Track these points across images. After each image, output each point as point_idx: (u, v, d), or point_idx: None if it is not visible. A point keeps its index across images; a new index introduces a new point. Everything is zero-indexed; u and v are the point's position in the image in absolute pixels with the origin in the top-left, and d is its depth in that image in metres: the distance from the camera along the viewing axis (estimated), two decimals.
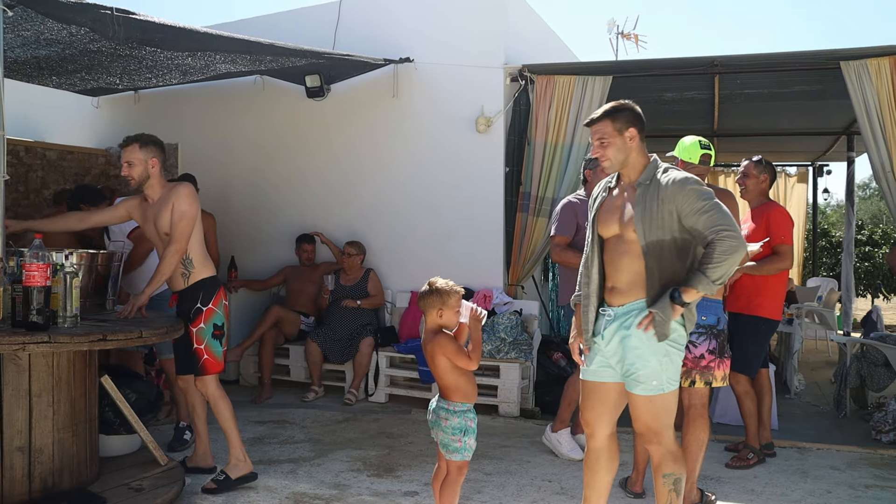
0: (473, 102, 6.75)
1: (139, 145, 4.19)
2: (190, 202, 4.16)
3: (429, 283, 3.53)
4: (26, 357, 3.58)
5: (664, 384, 3.13)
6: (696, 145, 4.33)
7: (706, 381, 3.97)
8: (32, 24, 5.10)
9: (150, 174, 4.22)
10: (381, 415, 6.15)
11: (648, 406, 3.15)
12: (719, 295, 4.06)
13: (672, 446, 3.22)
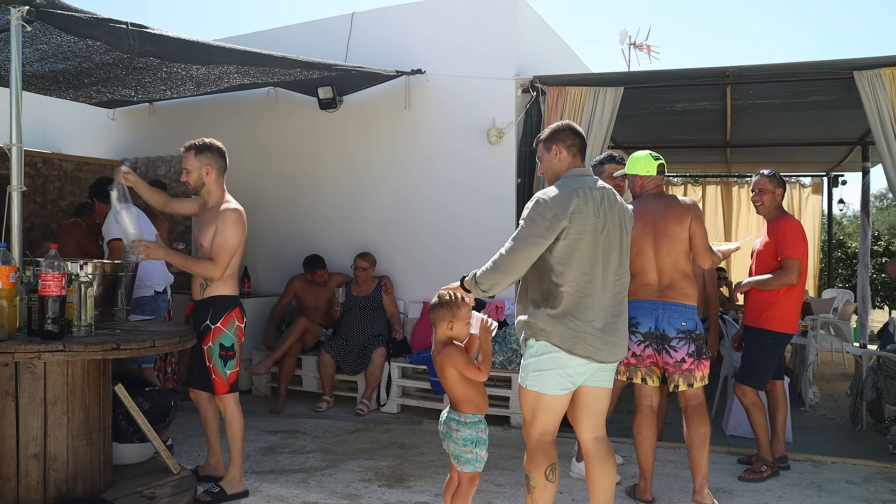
0: (485, 114, 6.77)
1: (195, 152, 4.27)
2: (235, 230, 4.19)
3: (438, 296, 3.55)
4: (42, 365, 3.62)
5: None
6: (650, 158, 4.40)
7: (688, 384, 4.15)
8: (50, 38, 5.17)
9: (205, 181, 4.29)
10: (392, 425, 6.16)
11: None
12: (695, 301, 4.22)
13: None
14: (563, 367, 3.30)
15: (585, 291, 3.29)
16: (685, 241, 4.18)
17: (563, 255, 3.27)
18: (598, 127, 6.37)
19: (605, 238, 3.33)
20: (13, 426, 3.62)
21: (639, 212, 4.27)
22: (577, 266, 3.27)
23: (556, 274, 3.28)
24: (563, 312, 3.28)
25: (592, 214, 3.29)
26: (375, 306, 6.88)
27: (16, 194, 3.87)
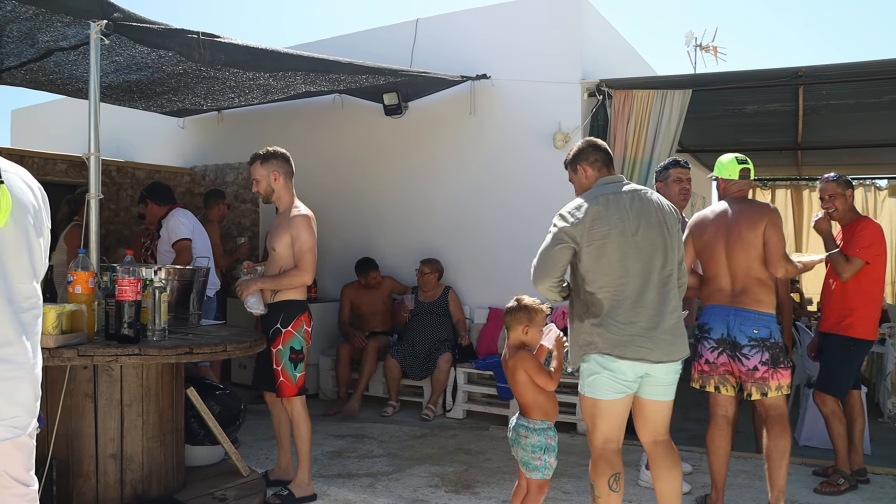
0: (551, 118, 6.72)
1: (260, 162, 4.38)
2: (308, 233, 4.30)
3: (517, 300, 3.59)
4: (118, 368, 3.71)
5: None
6: (734, 161, 4.30)
7: (762, 392, 4.00)
8: (125, 50, 5.31)
9: (274, 187, 4.39)
10: (458, 431, 6.14)
11: None
12: (772, 308, 4.06)
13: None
14: (612, 371, 3.27)
15: (623, 294, 3.28)
16: (759, 246, 4.05)
17: (591, 261, 3.30)
18: (665, 130, 6.27)
19: (640, 238, 3.32)
20: (92, 427, 3.71)
21: (715, 215, 4.20)
22: (608, 270, 3.28)
23: (589, 282, 3.32)
24: (604, 317, 3.28)
25: (618, 217, 3.31)
26: (442, 312, 6.88)
27: (94, 202, 3.98)
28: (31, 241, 2.30)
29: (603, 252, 3.28)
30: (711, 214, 4.24)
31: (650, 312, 3.28)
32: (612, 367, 3.27)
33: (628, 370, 3.28)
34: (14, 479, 2.31)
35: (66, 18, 4.58)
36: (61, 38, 5.07)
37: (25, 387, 2.25)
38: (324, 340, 7.25)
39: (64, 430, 3.66)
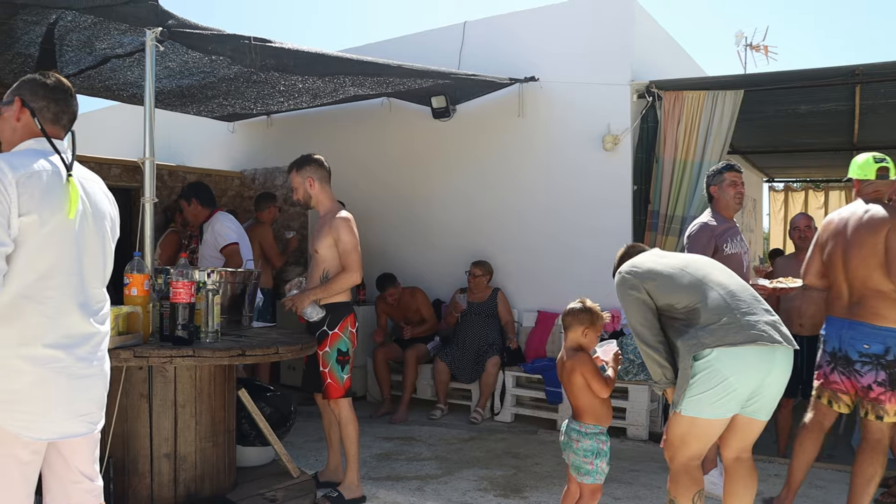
0: (600, 120, 6.67)
1: (296, 170, 4.45)
2: (350, 234, 4.33)
3: (580, 301, 3.59)
4: (172, 369, 3.77)
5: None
6: (870, 161, 4.03)
7: (876, 415, 3.75)
8: (177, 56, 5.40)
9: (311, 192, 4.44)
10: (507, 434, 6.12)
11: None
12: (891, 322, 3.73)
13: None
14: (724, 382, 3.07)
15: (708, 297, 3.21)
16: (879, 253, 3.76)
17: (664, 294, 3.30)
18: (716, 132, 6.18)
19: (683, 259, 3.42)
20: (147, 426, 3.77)
21: (841, 218, 4.01)
22: (682, 289, 3.26)
23: (676, 304, 3.27)
24: (709, 318, 3.17)
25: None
26: (490, 313, 6.86)
27: (148, 205, 4.04)
28: (106, 248, 2.48)
29: (674, 282, 3.30)
30: (837, 216, 4.03)
31: (747, 304, 3.20)
32: (729, 374, 3.07)
33: (748, 379, 3.11)
34: (84, 474, 2.46)
35: (122, 26, 4.67)
36: (117, 45, 5.18)
37: (98, 384, 2.41)
38: (372, 343, 7.28)
39: (120, 429, 3.73)
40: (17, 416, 2.22)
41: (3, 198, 2.17)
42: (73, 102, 2.53)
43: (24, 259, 2.22)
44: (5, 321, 2.22)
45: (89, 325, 2.37)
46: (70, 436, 2.34)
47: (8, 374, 2.22)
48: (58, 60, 5.56)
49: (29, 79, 2.46)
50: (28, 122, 2.41)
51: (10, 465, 2.25)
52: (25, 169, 2.23)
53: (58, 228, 2.28)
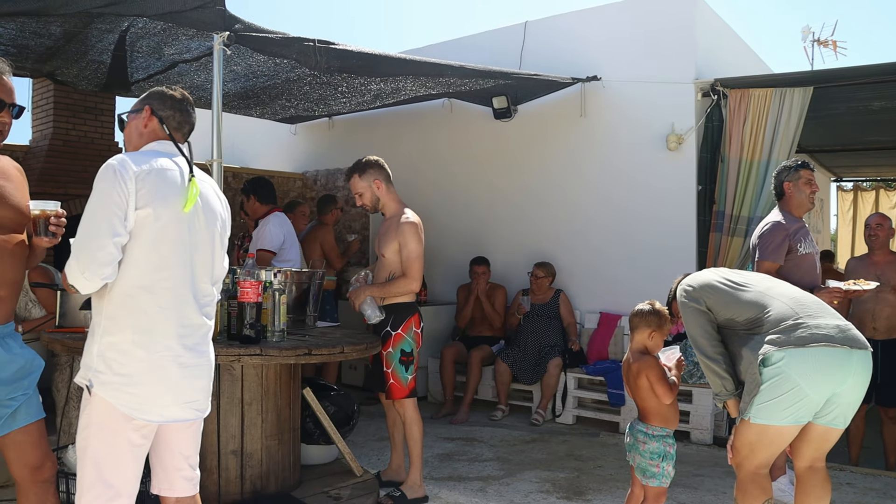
0: (663, 119, 6.58)
1: (358, 174, 4.42)
2: (415, 241, 4.31)
3: (650, 303, 3.56)
4: (240, 368, 3.83)
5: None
6: None
7: None
8: (242, 59, 5.50)
9: (378, 195, 4.42)
10: (568, 436, 6.07)
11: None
12: None
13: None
14: (795, 388, 2.98)
15: (771, 307, 3.17)
16: None
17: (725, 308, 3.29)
18: (784, 130, 6.04)
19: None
20: (215, 424, 3.84)
21: None
22: (744, 303, 3.25)
23: (739, 323, 3.24)
24: (774, 324, 3.10)
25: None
26: (552, 315, 6.82)
27: None
28: (216, 247, 2.61)
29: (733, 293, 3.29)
30: None
31: (812, 308, 3.15)
32: (800, 380, 2.99)
33: (823, 384, 3.02)
34: (186, 462, 2.62)
35: (190, 32, 4.78)
36: (185, 50, 5.30)
37: (205, 374, 2.55)
38: (432, 344, 7.29)
39: None
40: (129, 398, 2.37)
41: (122, 191, 2.33)
42: (194, 114, 2.71)
43: (140, 251, 2.38)
44: (122, 309, 2.38)
45: (199, 317, 2.52)
46: (176, 420, 2.48)
47: (123, 358, 2.37)
48: (128, 66, 5.72)
49: (157, 91, 2.63)
50: (155, 128, 2.58)
51: (123, 444, 2.40)
52: (145, 165, 2.40)
53: (171, 223, 2.42)
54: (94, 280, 2.32)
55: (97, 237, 2.30)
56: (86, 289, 2.36)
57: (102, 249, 2.29)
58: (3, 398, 2.62)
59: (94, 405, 2.40)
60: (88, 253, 2.30)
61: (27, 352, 2.73)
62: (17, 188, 2.73)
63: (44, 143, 7.27)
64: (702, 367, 3.33)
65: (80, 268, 2.31)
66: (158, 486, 2.62)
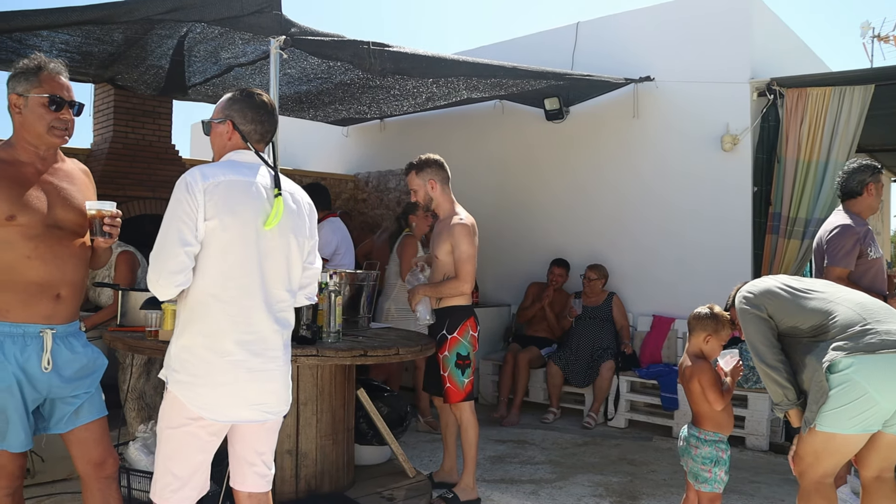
0: (718, 120, 6.49)
1: (415, 172, 4.45)
2: (468, 242, 4.32)
3: (709, 307, 3.52)
4: (295, 368, 3.86)
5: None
6: None
7: None
8: (297, 62, 5.56)
9: (432, 195, 4.45)
10: (621, 440, 6.02)
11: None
12: None
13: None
14: (864, 395, 2.90)
15: (837, 312, 3.10)
16: None
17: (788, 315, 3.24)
18: (843, 130, 5.92)
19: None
20: None
21: None
22: (807, 310, 3.18)
23: (803, 331, 3.18)
24: (840, 330, 3.03)
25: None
26: (605, 317, 6.78)
27: None
28: (292, 254, 2.66)
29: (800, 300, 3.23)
30: None
31: (875, 313, 3.07)
32: (869, 386, 2.91)
33: (887, 396, 2.91)
34: (260, 459, 2.70)
35: (246, 36, 4.85)
36: (241, 54, 5.38)
37: (276, 377, 2.62)
38: (485, 345, 7.30)
39: None
40: (198, 397, 2.47)
41: (192, 203, 2.42)
42: (275, 119, 2.77)
43: (209, 260, 2.47)
44: (194, 315, 2.49)
45: (269, 323, 2.57)
46: (243, 421, 2.56)
47: (194, 360, 2.48)
48: (186, 71, 5.82)
49: (238, 101, 2.67)
50: (238, 141, 2.65)
51: (190, 439, 2.51)
52: (214, 178, 2.47)
53: (239, 234, 2.49)
54: (168, 287, 2.43)
55: (169, 247, 2.40)
56: (163, 295, 2.46)
57: (174, 258, 2.40)
58: (67, 395, 2.70)
59: (168, 401, 2.54)
60: (162, 261, 2.41)
61: (90, 350, 2.81)
62: (81, 191, 2.80)
63: (104, 146, 7.44)
64: (761, 376, 3.27)
65: (155, 276, 2.42)
66: (234, 480, 2.73)
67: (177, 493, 2.52)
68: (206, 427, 2.51)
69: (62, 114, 2.68)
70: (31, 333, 2.61)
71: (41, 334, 2.62)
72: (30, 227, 2.59)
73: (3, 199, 2.55)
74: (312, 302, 2.89)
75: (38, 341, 2.62)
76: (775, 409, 3.27)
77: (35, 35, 4.77)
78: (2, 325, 2.57)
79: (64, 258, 2.67)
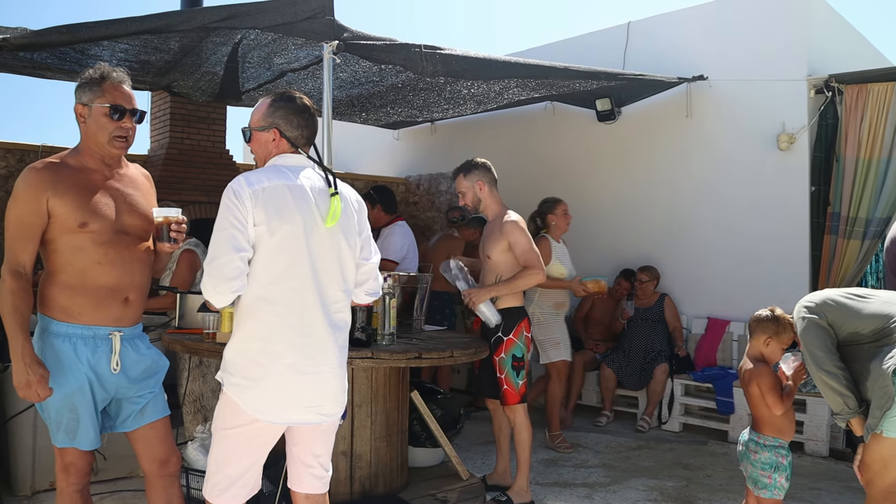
0: (774, 118, 6.37)
1: (463, 174, 4.47)
2: (523, 235, 4.31)
3: (770, 309, 3.46)
4: (350, 370, 3.90)
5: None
6: None
7: None
8: (349, 66, 5.62)
9: (480, 197, 4.45)
10: (675, 444, 5.95)
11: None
12: None
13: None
14: None
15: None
16: None
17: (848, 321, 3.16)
18: None
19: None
20: None
21: None
22: (868, 315, 3.11)
23: (864, 336, 3.10)
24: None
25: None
26: (656, 319, 6.70)
27: None
28: (343, 253, 2.66)
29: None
30: None
31: None
32: None
33: None
34: (317, 461, 2.72)
35: (299, 41, 4.91)
36: (294, 60, 5.45)
37: (330, 379, 2.61)
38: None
39: None
40: (251, 400, 2.49)
41: (241, 209, 2.44)
42: (316, 120, 2.77)
43: (259, 264, 2.48)
44: (247, 319, 2.51)
45: (323, 325, 2.58)
46: (297, 423, 2.58)
47: (247, 363, 2.50)
48: (240, 77, 5.92)
49: (281, 107, 2.66)
50: (285, 146, 2.66)
51: (243, 440, 2.53)
52: (260, 185, 2.48)
53: (288, 237, 2.49)
54: (225, 294, 2.43)
55: (224, 254, 2.41)
56: (220, 303, 2.47)
57: (230, 265, 2.41)
58: (132, 395, 2.78)
59: (223, 402, 2.57)
60: (217, 269, 2.41)
61: (154, 352, 2.88)
62: (144, 196, 2.88)
63: (161, 152, 7.59)
64: (818, 385, 3.16)
65: (211, 283, 2.43)
66: (291, 481, 2.75)
67: (226, 492, 2.55)
68: (261, 429, 2.53)
69: (123, 122, 2.75)
70: (101, 335, 2.69)
71: (110, 336, 2.71)
72: (100, 234, 2.67)
73: (76, 206, 2.63)
74: (374, 298, 2.87)
75: (108, 343, 2.70)
76: (836, 419, 3.18)
77: (96, 45, 4.89)
78: (74, 327, 2.66)
79: (131, 263, 2.75)
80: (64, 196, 2.62)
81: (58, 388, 2.62)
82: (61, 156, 2.75)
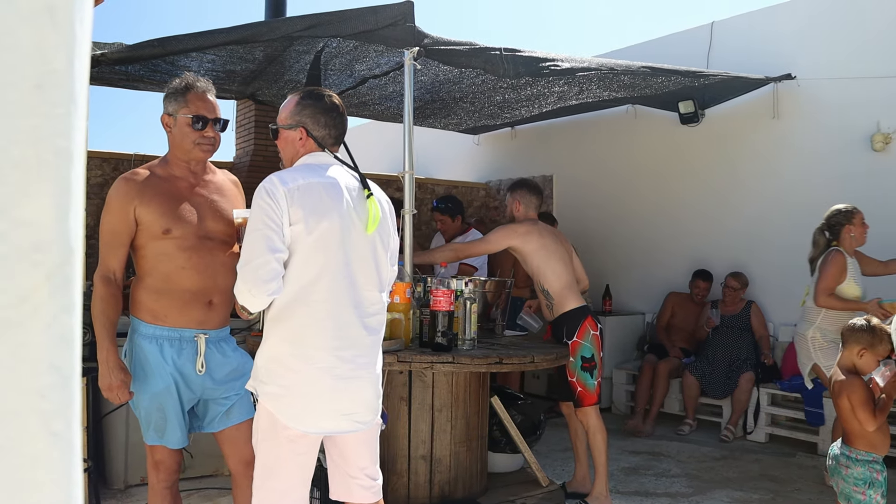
0: (867, 117, 6.13)
1: (509, 191, 4.70)
2: (497, 236, 4.52)
3: (866, 318, 3.34)
4: (431, 375, 3.93)
5: None
6: None
7: None
8: (428, 71, 5.65)
9: (515, 215, 4.61)
10: (761, 455, 5.78)
11: None
12: None
13: None
14: None
15: None
16: None
17: None
18: None
19: None
20: (406, 428, 3.96)
21: None
22: None
23: None
24: None
25: None
26: (743, 326, 6.53)
27: (408, 217, 4.24)
28: (378, 252, 2.60)
29: None
30: None
31: None
32: None
33: None
34: (362, 471, 2.63)
35: (380, 48, 4.97)
36: (374, 66, 5.51)
37: (366, 386, 2.54)
38: (619, 354, 7.18)
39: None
40: (287, 409, 2.42)
41: (276, 209, 2.37)
42: (346, 119, 2.73)
43: (295, 265, 2.41)
44: (281, 322, 2.43)
45: (359, 328, 2.51)
46: (333, 432, 2.51)
47: (282, 370, 2.43)
48: (322, 84, 6.02)
49: (309, 105, 2.62)
50: (312, 146, 2.62)
51: (285, 452, 2.45)
52: (294, 183, 2.43)
53: (323, 237, 2.43)
54: (261, 297, 2.36)
55: (259, 255, 2.33)
56: (255, 306, 2.42)
57: (265, 266, 2.33)
58: (218, 397, 2.85)
59: (259, 413, 2.49)
60: (252, 271, 2.33)
61: (240, 354, 2.95)
62: (230, 201, 2.95)
63: (246, 159, 7.78)
64: None
65: (246, 286, 2.35)
66: (336, 492, 2.67)
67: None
68: (299, 439, 2.44)
69: (206, 132, 2.82)
70: (186, 337, 2.77)
71: (195, 339, 2.78)
72: (184, 239, 2.74)
73: (161, 213, 2.71)
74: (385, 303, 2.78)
75: (193, 345, 2.78)
76: None
77: (185, 56, 5.05)
78: (161, 329, 2.74)
79: (215, 267, 2.81)
80: (150, 204, 2.71)
81: (146, 388, 2.72)
82: (150, 165, 2.84)
